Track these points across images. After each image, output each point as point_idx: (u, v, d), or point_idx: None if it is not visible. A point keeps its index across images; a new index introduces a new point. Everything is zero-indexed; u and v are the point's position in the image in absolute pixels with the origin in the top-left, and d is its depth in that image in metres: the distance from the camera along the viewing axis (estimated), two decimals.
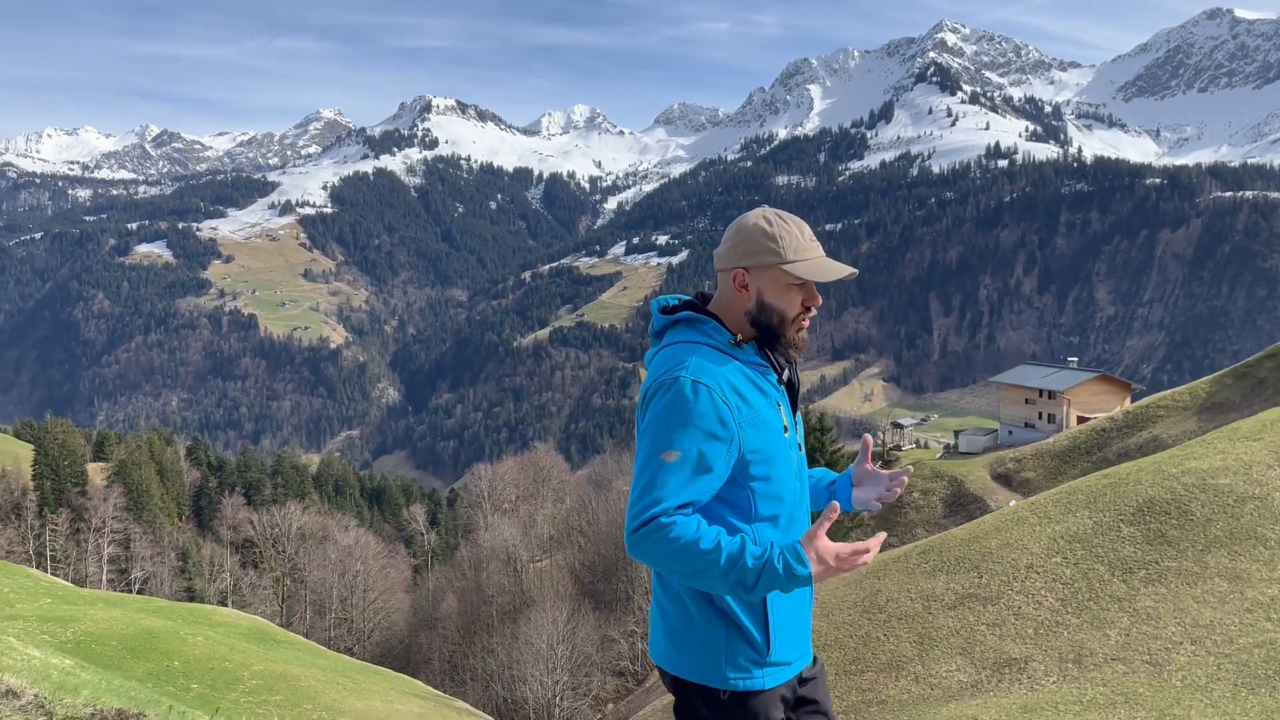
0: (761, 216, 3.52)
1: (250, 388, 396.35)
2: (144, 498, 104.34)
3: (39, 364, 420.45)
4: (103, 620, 31.38)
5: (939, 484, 52.91)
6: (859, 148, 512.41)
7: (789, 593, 3.21)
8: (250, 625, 40.12)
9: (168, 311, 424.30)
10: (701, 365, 3.33)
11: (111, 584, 76.79)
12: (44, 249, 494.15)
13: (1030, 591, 24.52)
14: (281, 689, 29.11)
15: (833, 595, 28.56)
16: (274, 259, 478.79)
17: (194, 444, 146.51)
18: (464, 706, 35.09)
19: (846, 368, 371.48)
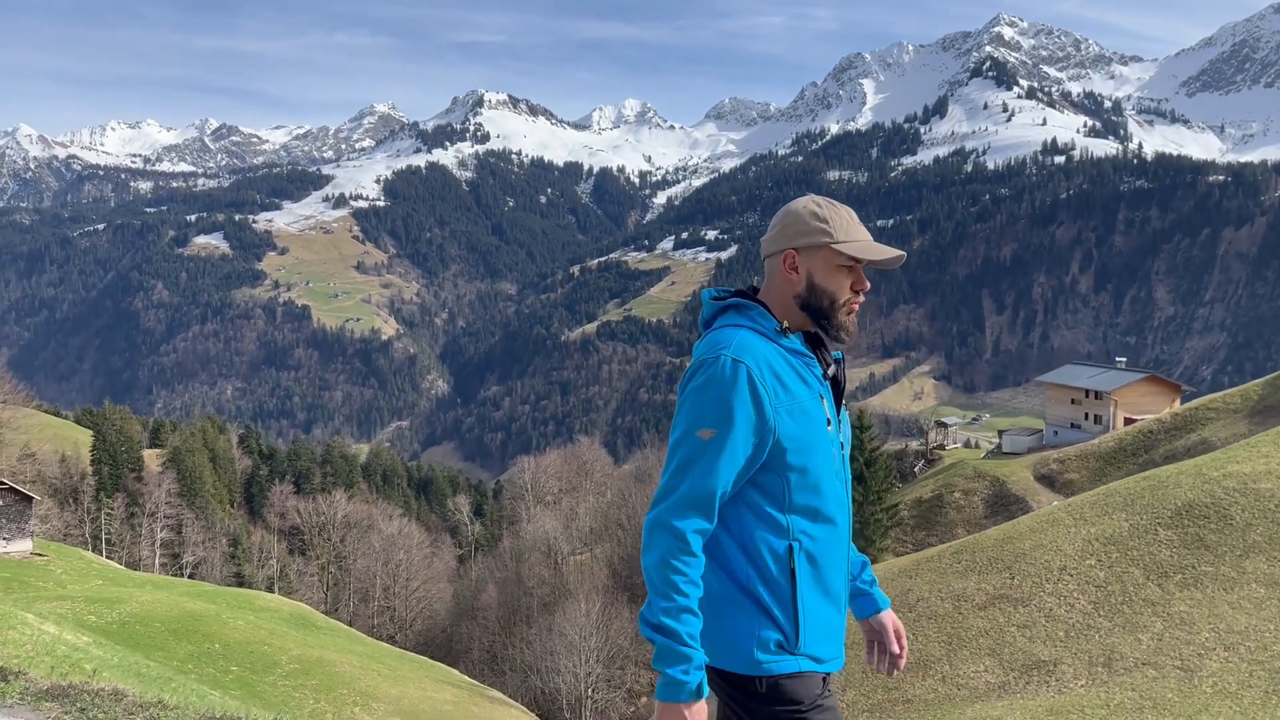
0: (811, 200, 3.57)
1: (303, 378, 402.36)
2: (197, 484, 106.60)
3: (101, 352, 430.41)
4: (148, 602, 32.18)
5: (981, 484, 52.30)
6: (912, 143, 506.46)
7: (656, 666, 3.17)
8: (292, 611, 40.86)
9: (224, 302, 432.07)
10: (744, 345, 3.32)
11: (164, 568, 78.51)
12: (106, 240, 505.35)
13: (1062, 594, 24.21)
14: (318, 673, 29.66)
15: None
16: (327, 251, 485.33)
17: (246, 432, 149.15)
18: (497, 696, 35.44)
19: (896, 365, 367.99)
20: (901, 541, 48.88)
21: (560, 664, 40.77)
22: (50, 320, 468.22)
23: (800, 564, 3.33)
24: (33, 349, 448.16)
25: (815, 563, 3.36)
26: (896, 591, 27.01)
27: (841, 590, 3.50)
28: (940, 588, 26.00)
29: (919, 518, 51.87)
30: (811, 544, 3.37)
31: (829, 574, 3.40)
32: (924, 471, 62.25)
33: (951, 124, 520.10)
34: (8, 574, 41.44)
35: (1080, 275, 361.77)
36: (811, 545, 3.36)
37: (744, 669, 3.32)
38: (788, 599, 3.32)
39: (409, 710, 28.77)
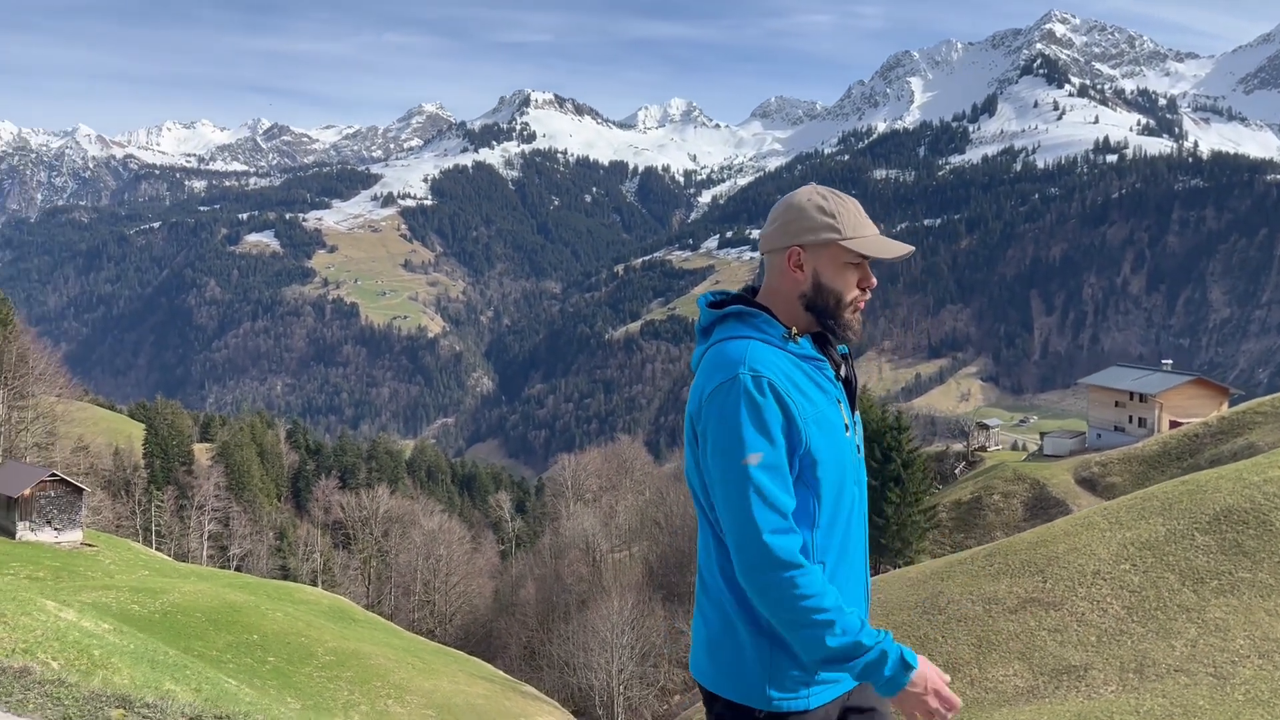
0: (815, 192, 3.36)
1: (351, 374, 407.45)
2: (245, 478, 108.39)
3: (155, 347, 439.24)
4: (190, 593, 32.87)
5: (1020, 487, 51.70)
6: (960, 142, 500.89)
7: (865, 680, 3.01)
8: (331, 604, 41.48)
9: (274, 299, 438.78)
10: (759, 359, 3.14)
11: (211, 560, 79.98)
12: (161, 238, 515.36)
13: (1096, 598, 23.91)
14: (353, 666, 30.11)
15: (894, 596, 28.26)
16: (375, 249, 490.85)
17: (293, 428, 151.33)
18: (530, 691, 35.71)
19: (943, 366, 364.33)
20: (939, 544, 48.49)
21: (593, 660, 41.04)
22: (107, 316, 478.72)
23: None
24: (90, 344, 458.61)
25: (837, 578, 3.24)
26: (927, 594, 26.82)
27: (864, 598, 3.42)
28: (971, 590, 25.79)
29: (957, 520, 51.39)
30: (835, 560, 3.25)
31: (850, 587, 3.30)
32: (965, 473, 61.67)
33: (1001, 122, 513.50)
34: (58, 563, 42.51)
35: (1132, 276, 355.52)
36: (835, 562, 3.25)
37: (757, 703, 3.19)
38: None
39: (441, 703, 29.11)
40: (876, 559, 44.06)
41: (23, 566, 41.30)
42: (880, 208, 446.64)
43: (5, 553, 43.16)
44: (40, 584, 38.16)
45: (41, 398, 66.40)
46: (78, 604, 9.45)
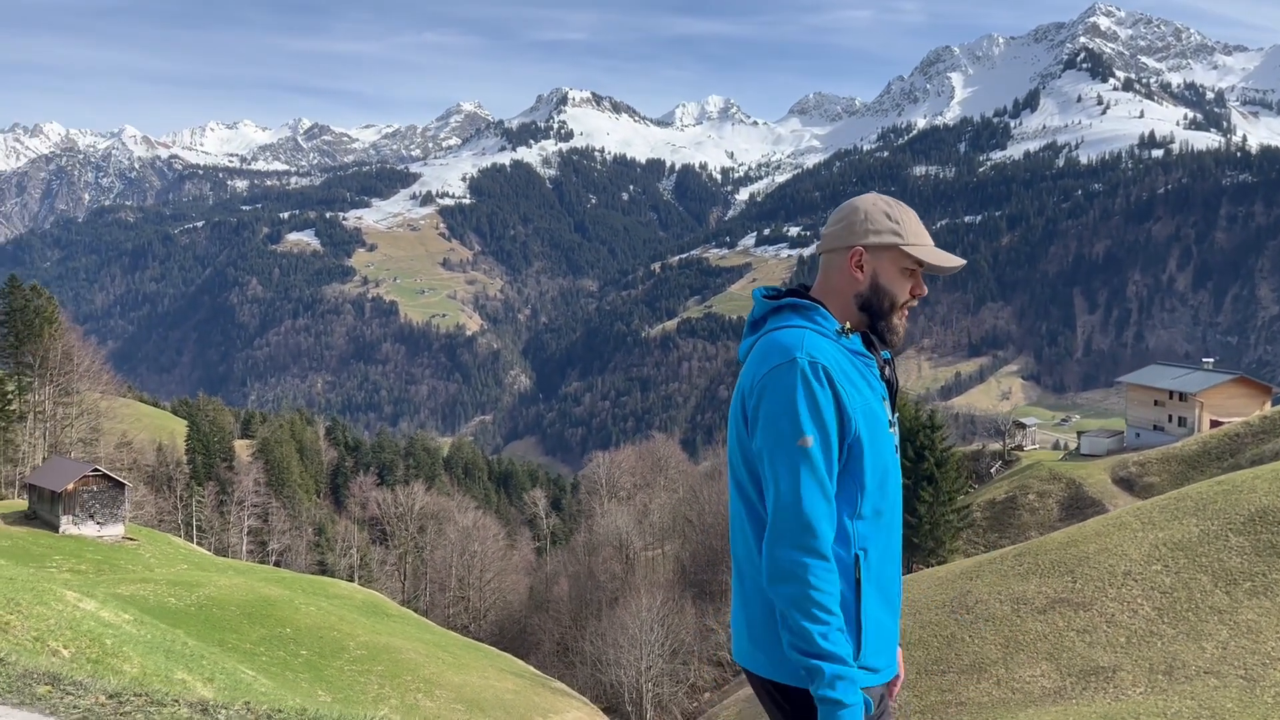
0: (881, 199, 3.50)
1: (390, 372, 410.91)
2: (284, 474, 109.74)
3: (199, 345, 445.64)
4: (226, 587, 33.38)
5: (1056, 486, 51.04)
6: (1001, 137, 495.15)
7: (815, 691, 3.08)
8: (365, 599, 41.93)
9: (315, 297, 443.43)
10: (816, 347, 3.25)
11: (251, 554, 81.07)
12: (205, 237, 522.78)
13: (1126, 599, 23.64)
14: (384, 659, 30.44)
15: (922, 594, 28.09)
16: (414, 248, 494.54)
17: (332, 425, 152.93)
18: (559, 687, 35.87)
19: (983, 364, 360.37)
20: (973, 543, 48.03)
21: (622, 657, 41.12)
22: (152, 314, 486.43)
23: (865, 574, 3.28)
24: (136, 342, 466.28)
25: (878, 570, 3.32)
26: (955, 593, 26.67)
27: (897, 595, 3.45)
28: (1000, 590, 25.61)
29: (992, 519, 50.85)
30: (876, 550, 3.32)
31: (889, 580, 3.36)
32: (1001, 473, 60.97)
33: (1043, 117, 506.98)
34: (100, 557, 43.34)
35: (1178, 273, 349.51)
36: (876, 552, 3.32)
37: (801, 683, 3.23)
38: (852, 611, 3.25)
39: (470, 698, 29.34)
40: (909, 558, 43.72)
41: (65, 559, 42.19)
42: (920, 204, 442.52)
43: (49, 546, 44.10)
44: (82, 576, 38.97)
45: (86, 394, 67.68)
46: (102, 595, 9.63)
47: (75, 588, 9.96)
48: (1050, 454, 66.11)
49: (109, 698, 4.73)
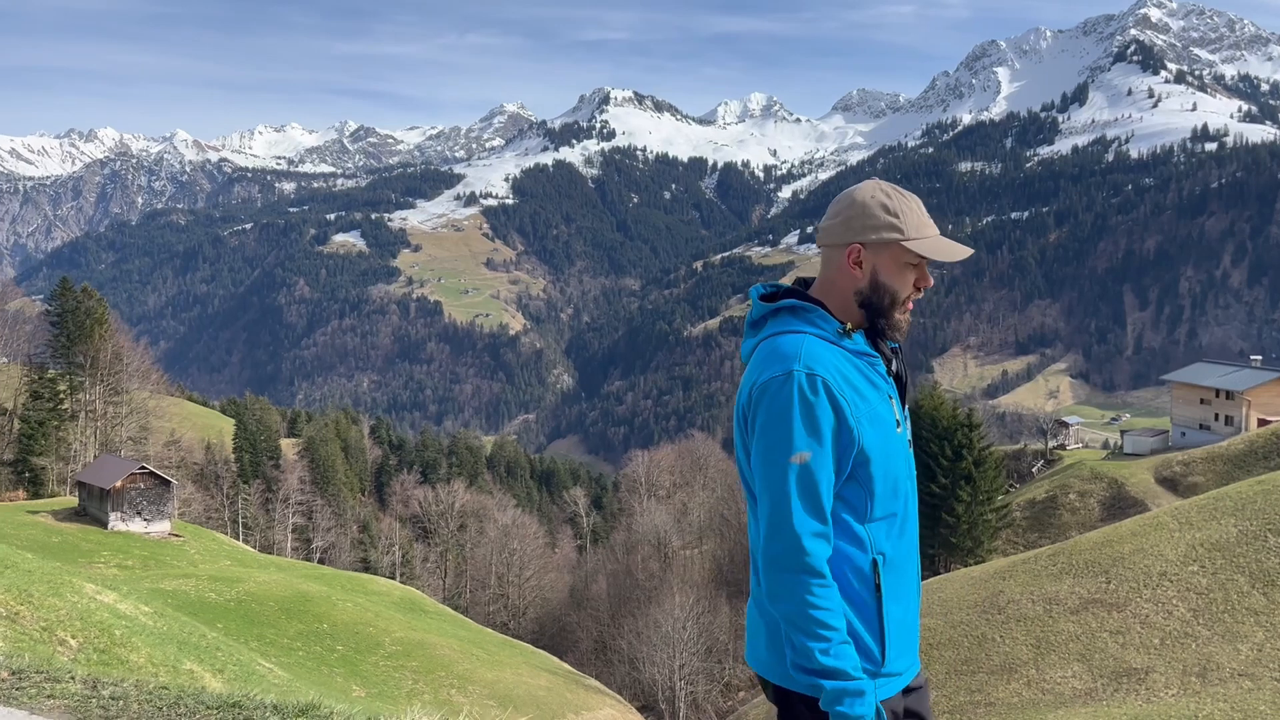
0: (879, 189, 3.32)
1: (434, 371, 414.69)
2: (329, 472, 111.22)
3: (248, 345, 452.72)
4: (265, 583, 33.96)
5: (1097, 486, 50.27)
6: (1049, 132, 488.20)
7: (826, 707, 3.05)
8: (403, 595, 42.41)
9: (360, 298, 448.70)
10: (814, 356, 3.13)
11: (295, 551, 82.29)
12: (253, 238, 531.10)
13: (1161, 600, 23.25)
14: (418, 656, 30.80)
15: (954, 594, 27.84)
16: (458, 248, 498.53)
17: (377, 424, 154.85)
18: (593, 684, 36.04)
19: (1031, 362, 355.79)
20: (1012, 543, 47.48)
21: (656, 655, 41.23)
22: (203, 315, 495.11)
23: (885, 577, 3.22)
24: (187, 342, 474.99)
25: (897, 572, 3.27)
26: (988, 593, 26.37)
27: (916, 593, 3.42)
28: (1033, 590, 25.28)
29: (1031, 519, 50.23)
30: (893, 554, 3.26)
31: (907, 581, 3.32)
32: (1043, 472, 60.19)
33: (1092, 111, 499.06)
34: (146, 552, 44.28)
35: (1232, 268, 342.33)
36: (893, 555, 3.26)
37: (818, 692, 3.15)
38: (874, 617, 3.20)
39: (503, 694, 29.60)
40: (947, 558, 43.35)
41: (113, 555, 43.17)
42: (965, 201, 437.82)
43: (97, 542, 45.14)
44: (128, 572, 39.85)
45: (135, 393, 69.13)
46: (126, 589, 9.85)
47: (103, 581, 10.18)
48: (1092, 453, 65.10)
49: (11, 673, 4.90)
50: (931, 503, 43.55)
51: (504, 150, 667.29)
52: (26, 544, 42.46)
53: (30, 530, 44.67)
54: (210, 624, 28.75)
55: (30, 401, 64.02)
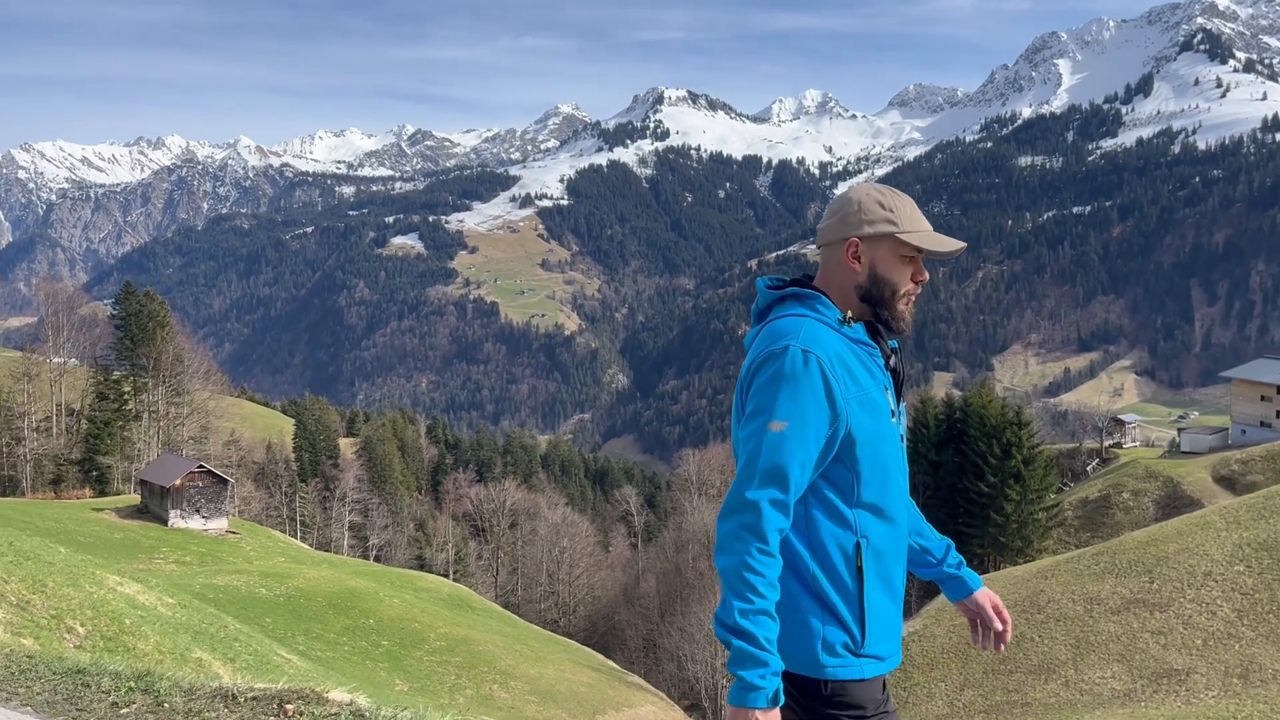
0: (874, 188, 3.50)
1: (491, 371, 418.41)
2: (386, 471, 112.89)
3: (309, 347, 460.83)
4: (314, 579, 34.67)
5: (1152, 485, 49.19)
6: (1112, 125, 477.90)
7: (729, 668, 3.07)
8: (451, 592, 42.98)
9: (419, 299, 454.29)
10: (812, 335, 3.23)
11: (352, 549, 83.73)
12: (314, 242, 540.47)
13: (1205, 600, 22.80)
14: (462, 651, 31.24)
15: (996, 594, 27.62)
16: (514, 249, 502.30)
17: (433, 423, 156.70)
18: (636, 681, 36.22)
19: (1094, 360, 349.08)
20: (1064, 543, 46.67)
21: (700, 653, 41.28)
22: (266, 317, 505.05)
23: (868, 561, 3.26)
24: (251, 344, 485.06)
25: (881, 558, 3.30)
26: (1028, 593, 26.05)
27: (901, 585, 3.43)
28: (1074, 590, 24.91)
29: (1084, 518, 49.32)
30: (878, 539, 3.29)
31: (892, 569, 3.34)
32: (1098, 471, 59.02)
33: (1157, 103, 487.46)
34: (203, 549, 45.43)
35: None
36: (878, 540, 3.29)
37: (808, 671, 3.23)
38: (854, 598, 3.25)
39: (545, 690, 29.90)
40: (996, 557, 42.80)
41: (171, 551, 44.38)
42: (1025, 195, 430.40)
43: (157, 538, 46.43)
44: (186, 568, 40.94)
45: (196, 394, 70.90)
46: (155, 582, 10.18)
47: (133, 575, 10.51)
48: (1150, 452, 63.61)
49: None
50: (980, 501, 43.06)
51: (559, 151, 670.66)
52: (89, 540, 43.85)
53: (93, 527, 46.09)
54: (259, 618, 29.49)
55: (96, 402, 66.04)
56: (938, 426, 46.98)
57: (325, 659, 27.19)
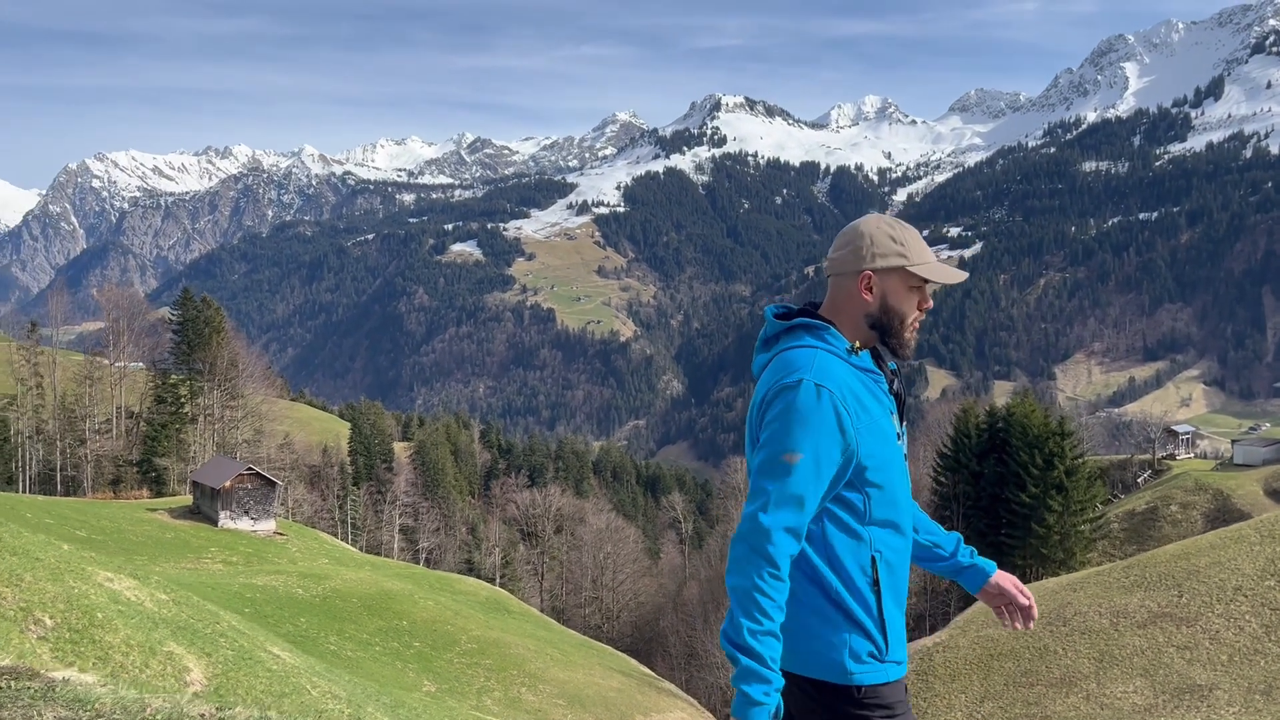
0: (884, 221, 3.64)
1: (548, 377, 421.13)
2: (439, 475, 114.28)
3: (370, 352, 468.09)
4: (351, 580, 35.30)
5: (1201, 498, 47.93)
6: (1180, 129, 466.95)
7: (734, 684, 3.24)
8: (489, 595, 43.42)
9: (477, 305, 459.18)
10: (824, 369, 3.37)
11: (402, 552, 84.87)
12: (375, 249, 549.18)
13: (1233, 615, 22.26)
14: (493, 654, 31.59)
15: None
16: (570, 256, 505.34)
17: (486, 428, 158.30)
18: (667, 688, 36.24)
19: (1160, 369, 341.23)
20: (1109, 555, 45.68)
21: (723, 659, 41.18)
22: (328, 323, 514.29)
23: (883, 575, 3.45)
24: (313, 349, 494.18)
25: (893, 572, 3.50)
26: (1056, 605, 25.61)
27: (905, 595, 3.63)
28: (1101, 603, 24.45)
29: (1130, 531, 48.22)
30: (890, 554, 3.50)
31: (901, 582, 3.55)
32: (1150, 483, 57.67)
33: (1228, 106, 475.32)
34: (250, 549, 46.46)
35: None
36: (890, 555, 3.50)
37: (837, 678, 3.40)
38: (874, 610, 3.43)
39: (573, 694, 30.11)
40: (1038, 569, 42.08)
41: (219, 551, 45.47)
42: (1089, 201, 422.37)
43: (207, 539, 47.59)
44: (232, 567, 41.92)
45: (249, 397, 72.51)
46: (155, 579, 10.41)
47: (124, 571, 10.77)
48: (1203, 463, 61.87)
49: None
50: (1022, 513, 42.38)
51: (615, 159, 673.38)
52: (141, 540, 45.12)
53: (146, 527, 47.40)
54: (294, 618, 30.14)
55: (154, 405, 67.89)
56: (979, 436, 46.42)
57: (355, 659, 27.70)
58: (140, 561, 39.44)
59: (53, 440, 67.01)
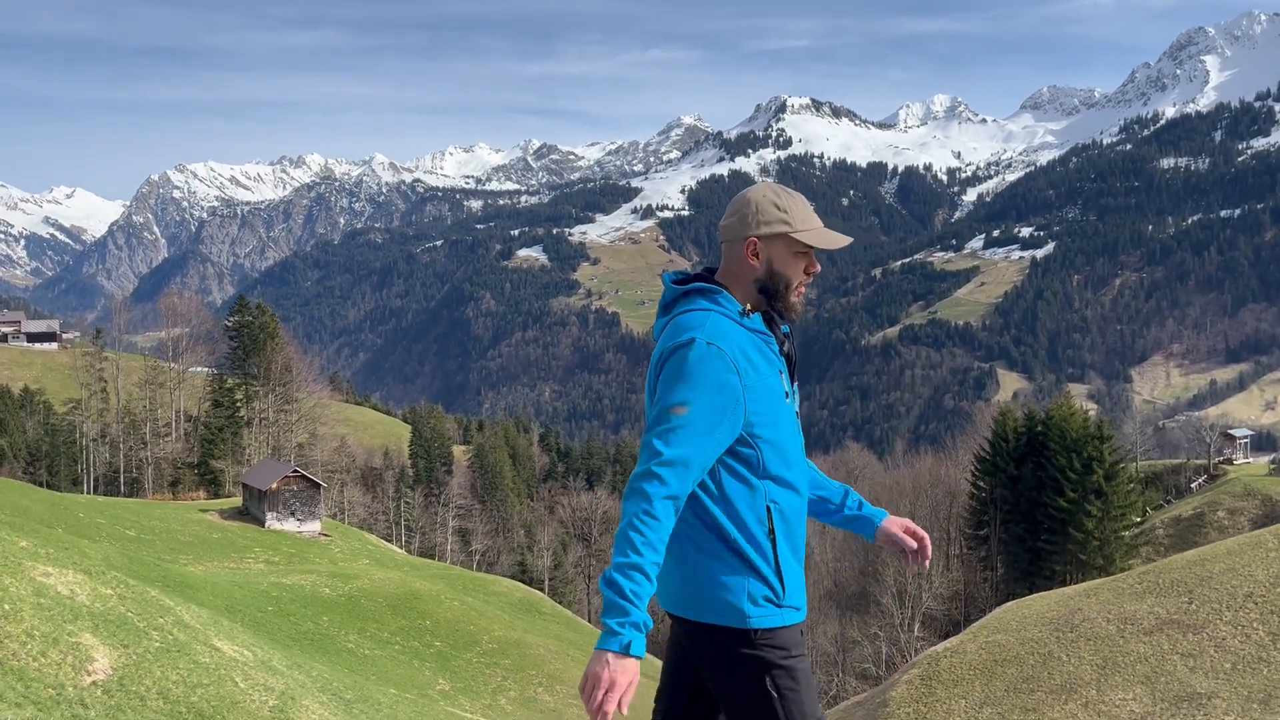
0: (770, 189, 3.82)
1: (612, 381, 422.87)
2: (496, 479, 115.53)
3: (438, 357, 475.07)
4: (379, 579, 35.99)
5: (1250, 503, 46.36)
6: (1264, 123, 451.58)
7: (602, 618, 3.36)
8: (523, 597, 43.86)
9: (543, 310, 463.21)
10: (716, 329, 3.57)
11: (454, 554, 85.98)
12: (443, 255, 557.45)
13: (1241, 623, 21.53)
14: (513, 654, 31.95)
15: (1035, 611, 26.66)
16: (635, 261, 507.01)
17: (545, 432, 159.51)
18: None
19: (1243, 371, 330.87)
20: (1151, 562, 44.45)
21: None
22: (397, 328, 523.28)
23: (778, 524, 3.62)
24: (383, 354, 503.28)
25: (788, 522, 3.66)
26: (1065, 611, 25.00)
27: (803, 547, 3.82)
28: (1111, 609, 23.76)
29: (1175, 537, 46.79)
30: (785, 505, 3.66)
31: (796, 533, 3.71)
32: (1204, 488, 55.93)
33: None
34: (293, 550, 47.61)
35: None
36: (785, 506, 3.66)
37: (737, 622, 3.55)
38: (770, 556, 3.59)
39: None
40: (1078, 575, 41.07)
41: (263, 551, 46.69)
42: (1167, 199, 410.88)
43: (252, 539, 48.90)
44: (274, 567, 42.98)
45: (303, 401, 74.23)
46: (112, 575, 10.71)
47: (70, 564, 11.01)
48: (1257, 468, 59.81)
49: None
50: (1060, 517, 41.43)
51: (680, 163, 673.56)
52: (188, 540, 46.53)
53: (195, 527, 48.87)
54: (316, 616, 30.86)
55: (211, 409, 69.92)
56: (1017, 440, 45.43)
57: (371, 657, 28.28)
58: (184, 561, 40.68)
59: (116, 443, 69.38)
